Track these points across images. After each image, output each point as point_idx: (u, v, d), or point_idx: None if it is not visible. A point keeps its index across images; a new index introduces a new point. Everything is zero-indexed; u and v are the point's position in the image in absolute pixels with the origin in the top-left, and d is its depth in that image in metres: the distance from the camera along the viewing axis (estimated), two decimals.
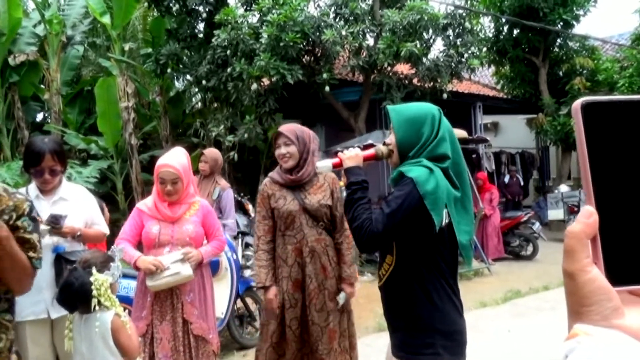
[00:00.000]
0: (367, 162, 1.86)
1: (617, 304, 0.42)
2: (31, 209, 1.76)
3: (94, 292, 2.05)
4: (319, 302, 2.59)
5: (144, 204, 2.76)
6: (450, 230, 1.72)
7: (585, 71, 11.45)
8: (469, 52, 8.24)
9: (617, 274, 0.43)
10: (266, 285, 2.59)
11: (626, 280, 0.43)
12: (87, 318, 2.05)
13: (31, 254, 1.72)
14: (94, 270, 2.10)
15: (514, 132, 14.34)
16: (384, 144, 1.85)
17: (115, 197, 8.72)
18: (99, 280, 2.08)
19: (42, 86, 9.40)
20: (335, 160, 1.86)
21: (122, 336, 2.08)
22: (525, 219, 8.46)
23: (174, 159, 2.69)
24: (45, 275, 2.28)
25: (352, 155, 1.82)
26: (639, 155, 0.43)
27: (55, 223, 2.37)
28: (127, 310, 2.46)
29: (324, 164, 1.86)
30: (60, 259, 2.44)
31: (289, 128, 2.64)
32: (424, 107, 1.82)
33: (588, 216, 0.43)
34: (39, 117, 10.38)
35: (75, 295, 2.06)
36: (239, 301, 4.27)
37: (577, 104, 0.44)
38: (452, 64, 7.96)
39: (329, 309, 2.60)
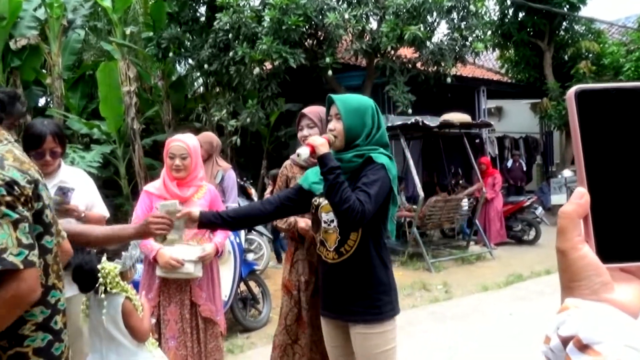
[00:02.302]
0: None
1: (606, 279, 0.45)
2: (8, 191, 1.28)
3: (100, 280, 2.09)
4: None
5: (152, 186, 2.77)
6: None
7: (590, 55, 11.32)
8: (474, 35, 8.16)
9: (608, 252, 0.46)
10: (296, 221, 2.56)
11: (616, 257, 0.46)
12: (98, 300, 2.09)
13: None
14: (104, 257, 2.13)
15: (518, 117, 14.25)
16: (329, 130, 2.02)
17: (118, 182, 8.75)
18: (106, 268, 2.11)
19: (43, 71, 9.37)
20: (309, 147, 1.97)
21: (132, 319, 2.13)
22: (528, 203, 8.46)
23: (186, 137, 2.75)
24: None
25: (322, 142, 1.93)
26: (629, 139, 0.46)
27: (64, 195, 2.36)
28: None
29: (304, 151, 1.95)
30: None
31: (313, 110, 2.60)
32: (365, 99, 2.06)
33: (580, 197, 0.46)
34: (41, 102, 10.37)
35: (83, 279, 2.10)
36: (242, 284, 4.30)
37: (572, 91, 0.47)
38: (456, 47, 7.89)
39: None
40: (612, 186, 0.46)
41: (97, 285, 2.09)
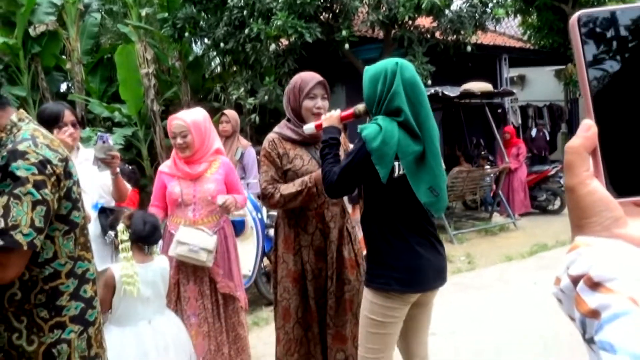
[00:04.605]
0: (347, 121, 2.15)
1: (618, 214, 0.42)
2: (6, 164, 1.29)
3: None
4: (335, 270, 2.39)
5: (165, 165, 2.80)
6: (407, 180, 1.90)
7: None
8: (494, 1, 7.90)
9: (620, 186, 0.43)
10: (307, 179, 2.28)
11: (629, 191, 0.43)
12: (150, 264, 2.26)
13: None
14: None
15: (542, 85, 13.87)
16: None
17: (141, 164, 8.89)
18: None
19: (63, 56, 9.49)
20: (318, 122, 2.12)
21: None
22: (552, 172, 8.30)
23: (186, 113, 2.71)
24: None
25: (328, 117, 2.10)
26: (636, 64, 0.43)
27: (105, 142, 2.47)
28: None
29: (310, 127, 2.14)
30: (106, 211, 2.55)
31: (325, 80, 2.42)
32: (382, 64, 1.97)
33: (587, 129, 0.43)
34: (63, 87, 10.53)
35: (160, 230, 2.34)
36: (265, 259, 4.37)
37: (574, 17, 0.44)
38: (476, 14, 7.66)
39: (344, 277, 2.40)
40: (621, 116, 0.43)
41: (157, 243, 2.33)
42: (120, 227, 2.19)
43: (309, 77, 2.38)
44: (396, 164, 1.90)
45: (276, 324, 2.47)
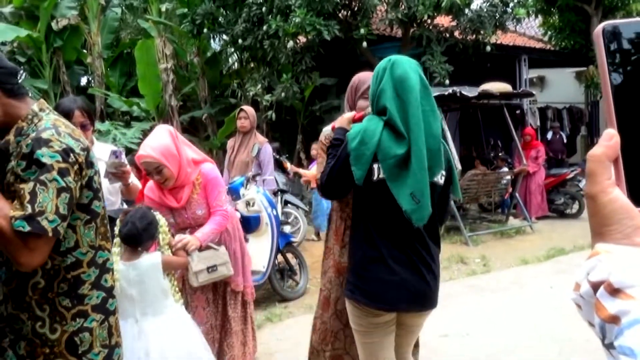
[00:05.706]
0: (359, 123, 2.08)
1: (639, 223, 0.43)
2: (31, 151, 1.30)
3: (160, 229, 2.22)
4: None
5: (149, 188, 2.59)
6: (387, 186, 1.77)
7: None
8: (515, 1, 7.81)
9: None
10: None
11: None
12: (136, 263, 2.14)
13: (15, 212, 1.27)
14: (157, 212, 2.27)
15: (562, 86, 13.66)
16: None
17: None
18: (162, 219, 2.25)
19: (84, 50, 9.63)
20: (333, 124, 2.17)
21: (171, 262, 2.26)
22: (571, 176, 8.18)
23: (150, 144, 2.41)
24: None
25: (340, 118, 2.12)
26: None
27: (118, 157, 2.45)
28: None
29: (327, 129, 2.25)
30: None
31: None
32: (379, 64, 1.90)
33: (609, 139, 0.44)
34: (83, 81, 10.68)
35: (145, 231, 2.16)
36: (279, 256, 4.38)
37: (599, 29, 0.45)
38: (497, 14, 7.59)
39: None
40: None
41: (155, 238, 2.20)
42: (118, 220, 2.20)
43: (366, 78, 2.34)
44: (375, 166, 1.78)
45: (315, 313, 2.49)
